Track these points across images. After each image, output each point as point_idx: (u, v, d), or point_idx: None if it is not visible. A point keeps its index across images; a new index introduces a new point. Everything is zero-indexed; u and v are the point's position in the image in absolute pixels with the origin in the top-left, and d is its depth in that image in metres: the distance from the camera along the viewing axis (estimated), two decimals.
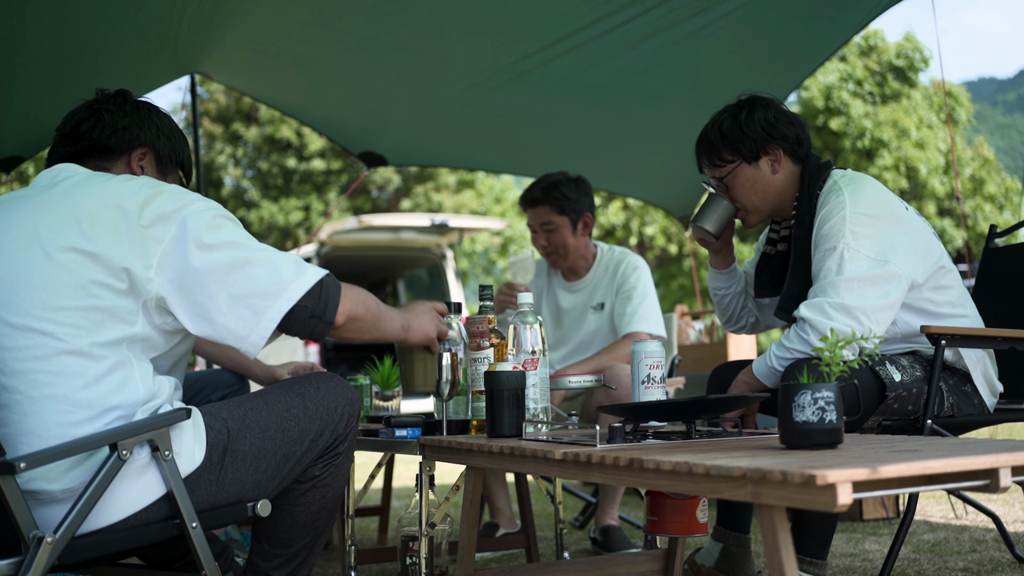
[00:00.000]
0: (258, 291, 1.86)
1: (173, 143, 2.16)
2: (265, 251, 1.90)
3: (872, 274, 2.30)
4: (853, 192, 2.39)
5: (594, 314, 3.62)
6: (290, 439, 2.01)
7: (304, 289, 1.89)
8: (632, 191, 7.27)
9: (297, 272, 1.90)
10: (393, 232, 10.17)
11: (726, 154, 2.55)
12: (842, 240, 2.33)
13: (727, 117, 2.57)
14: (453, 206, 22.68)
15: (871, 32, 22.84)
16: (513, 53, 4.40)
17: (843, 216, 2.35)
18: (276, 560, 2.11)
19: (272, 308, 1.86)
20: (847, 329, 2.25)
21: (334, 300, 1.93)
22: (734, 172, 2.55)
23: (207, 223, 1.86)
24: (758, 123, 2.52)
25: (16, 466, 1.67)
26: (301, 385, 2.07)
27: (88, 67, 4.02)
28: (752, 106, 2.56)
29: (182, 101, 5.81)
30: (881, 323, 2.32)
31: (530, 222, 3.64)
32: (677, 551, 2.52)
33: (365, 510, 4.05)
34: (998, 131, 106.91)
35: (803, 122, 2.58)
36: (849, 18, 4.26)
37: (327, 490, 2.09)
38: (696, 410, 2.03)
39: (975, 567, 2.92)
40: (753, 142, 2.52)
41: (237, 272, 1.85)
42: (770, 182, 2.54)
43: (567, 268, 3.68)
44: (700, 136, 2.62)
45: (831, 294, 2.29)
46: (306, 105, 5.54)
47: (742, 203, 2.58)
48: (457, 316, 2.49)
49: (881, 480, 1.32)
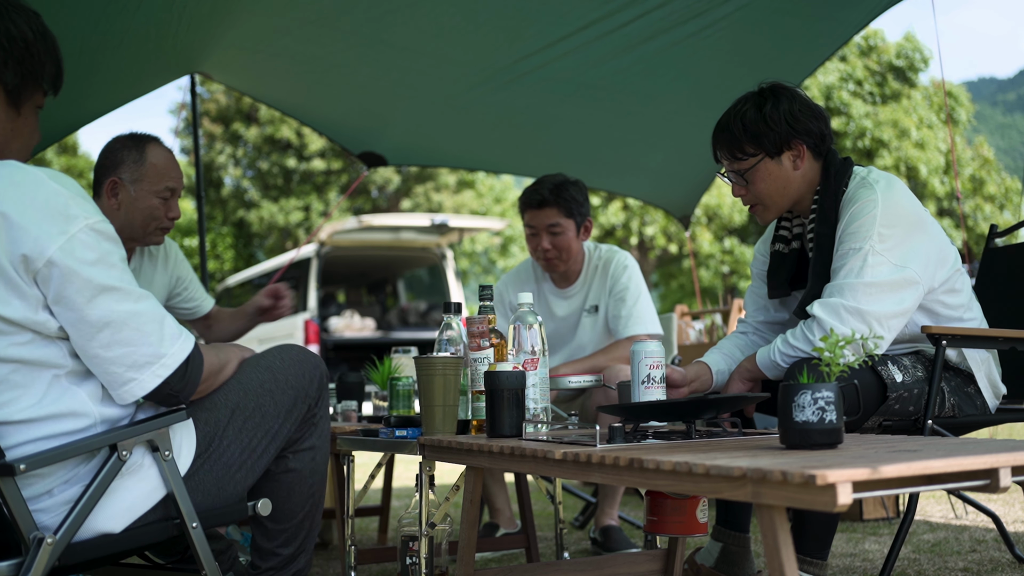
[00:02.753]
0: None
1: (24, 63, 1.87)
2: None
3: (891, 280, 2.28)
4: (886, 191, 2.34)
5: (588, 317, 3.57)
6: (269, 415, 2.06)
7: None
8: (632, 191, 7.27)
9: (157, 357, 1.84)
10: (393, 232, 10.18)
11: (748, 147, 2.45)
12: (868, 242, 2.29)
13: (750, 107, 2.46)
14: (453, 206, 22.68)
15: (871, 32, 22.85)
16: (513, 53, 4.40)
17: (873, 216, 2.30)
18: (281, 537, 2.13)
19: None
20: (858, 335, 2.22)
21: (194, 382, 1.89)
22: (756, 166, 2.46)
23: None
24: (783, 116, 2.42)
25: (16, 467, 1.67)
26: (268, 359, 2.12)
27: (88, 67, 4.01)
28: (777, 97, 2.45)
29: (182, 101, 5.81)
30: (893, 329, 2.30)
31: (532, 223, 3.51)
32: (677, 551, 2.52)
33: (365, 510, 4.05)
34: (998, 131, 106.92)
35: (826, 115, 2.49)
36: (849, 18, 4.26)
37: (315, 452, 2.17)
38: (696, 410, 2.03)
39: (975, 567, 2.92)
40: (777, 136, 2.42)
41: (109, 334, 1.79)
42: (791, 178, 2.46)
43: (561, 273, 3.60)
44: (720, 125, 2.52)
45: (848, 296, 2.27)
46: (306, 105, 5.54)
47: (761, 199, 2.50)
48: (457, 316, 2.49)
49: (881, 480, 1.32)
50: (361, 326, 10.35)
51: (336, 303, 11.78)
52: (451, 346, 2.45)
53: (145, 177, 2.88)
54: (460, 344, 2.45)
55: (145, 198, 2.88)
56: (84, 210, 1.77)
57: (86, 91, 4.31)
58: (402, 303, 11.84)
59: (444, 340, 2.46)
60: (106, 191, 2.88)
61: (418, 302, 11.63)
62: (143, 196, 2.88)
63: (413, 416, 2.54)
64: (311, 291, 9.77)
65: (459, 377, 2.34)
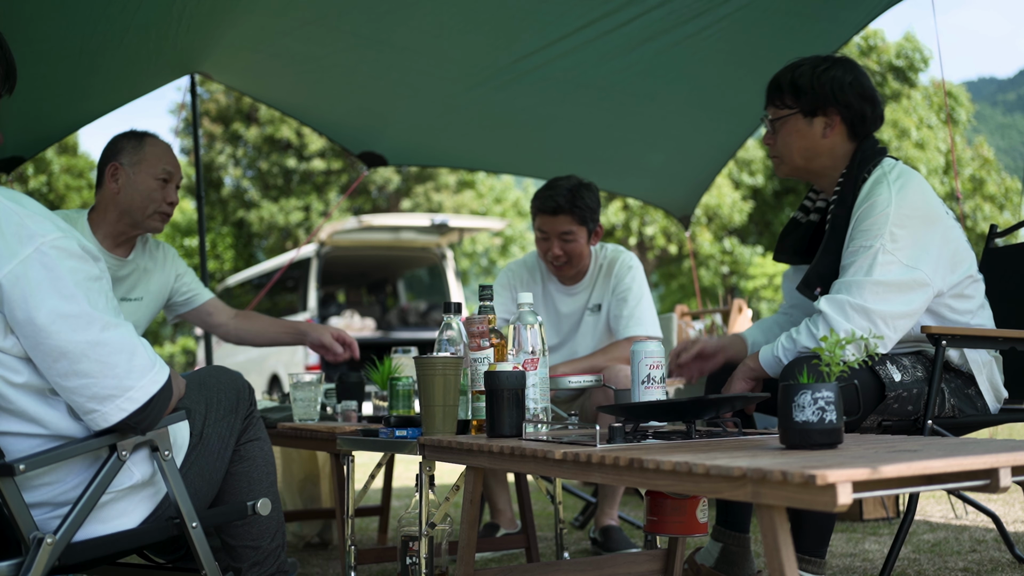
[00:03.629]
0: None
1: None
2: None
3: (900, 280, 2.28)
4: (900, 190, 2.35)
5: (591, 316, 3.57)
6: (227, 410, 2.17)
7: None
8: (632, 191, 7.27)
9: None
10: (393, 232, 10.18)
11: (787, 99, 2.51)
12: (879, 240, 2.30)
13: (807, 66, 2.51)
14: (453, 206, 22.67)
15: (871, 32, 22.84)
16: (513, 52, 4.39)
17: (886, 215, 2.31)
18: (252, 530, 2.19)
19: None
20: (863, 334, 2.23)
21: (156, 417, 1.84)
22: (787, 119, 2.52)
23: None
24: (830, 82, 2.46)
25: (16, 468, 1.67)
26: (199, 376, 2.20)
27: (88, 67, 4.02)
28: (835, 64, 2.49)
29: (182, 101, 5.81)
30: (899, 330, 2.31)
31: (544, 229, 3.46)
32: (677, 551, 2.51)
33: (365, 510, 4.05)
34: (998, 131, 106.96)
35: (878, 101, 2.51)
36: (849, 18, 4.26)
37: (262, 443, 2.28)
38: (696, 410, 2.03)
39: (975, 567, 2.92)
40: (816, 98, 2.47)
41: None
42: (816, 143, 2.50)
43: (569, 275, 3.59)
44: (776, 74, 2.58)
45: (855, 294, 2.28)
46: (306, 105, 5.54)
47: (780, 151, 2.55)
48: (457, 316, 2.49)
49: (881, 480, 1.32)
50: (361, 326, 10.35)
51: (336, 303, 11.79)
52: (451, 346, 2.45)
53: (144, 160, 3.00)
54: (460, 344, 2.45)
55: (144, 180, 2.98)
56: (42, 228, 1.69)
57: (86, 91, 4.32)
58: (402, 303, 11.84)
59: (444, 340, 2.46)
60: (107, 176, 3.00)
61: (418, 302, 11.63)
62: (142, 178, 2.98)
63: (413, 416, 2.54)
64: (311, 291, 9.78)
65: (459, 377, 2.34)
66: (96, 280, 1.74)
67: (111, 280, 1.94)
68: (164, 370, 1.81)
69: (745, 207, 23.06)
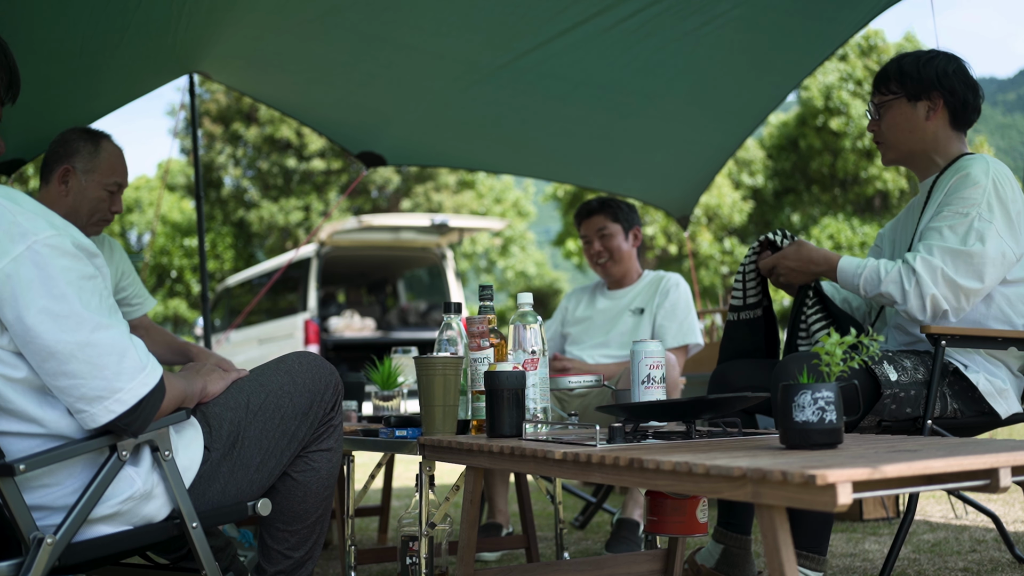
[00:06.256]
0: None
1: None
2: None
3: (992, 255, 2.35)
4: (1001, 170, 2.42)
5: (632, 316, 3.79)
6: (287, 416, 2.07)
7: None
8: (632, 191, 7.25)
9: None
10: (393, 232, 10.17)
11: (893, 84, 2.59)
12: (976, 208, 2.37)
13: (911, 56, 2.60)
14: (453, 206, 22.69)
15: (871, 32, 22.85)
16: (513, 50, 4.39)
17: (984, 187, 2.38)
18: (293, 539, 2.13)
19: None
20: (943, 304, 2.33)
21: (147, 418, 1.79)
22: (890, 103, 2.59)
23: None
24: (935, 69, 2.54)
25: (16, 468, 1.67)
26: (286, 363, 2.13)
27: (88, 67, 4.02)
28: (939, 55, 2.58)
29: (181, 101, 5.80)
30: (971, 306, 2.40)
31: (585, 232, 3.88)
32: (677, 551, 2.52)
33: (365, 510, 4.05)
34: (998, 131, 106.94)
35: (979, 91, 2.59)
36: (849, 18, 4.26)
37: (332, 454, 2.16)
38: (696, 410, 2.03)
39: (975, 567, 2.92)
40: (921, 83, 2.54)
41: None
42: (918, 126, 2.57)
43: (617, 277, 3.85)
44: (883, 66, 2.67)
45: (949, 264, 2.35)
46: (305, 105, 5.53)
47: (884, 135, 2.62)
48: (457, 316, 2.49)
49: (881, 480, 1.32)
50: (361, 326, 10.35)
51: (336, 303, 11.78)
52: (451, 346, 2.45)
53: (98, 169, 2.97)
54: (460, 344, 2.45)
55: (94, 189, 2.97)
56: (35, 226, 1.68)
57: (86, 91, 4.32)
58: (402, 303, 11.84)
59: (444, 340, 2.46)
60: (57, 178, 2.95)
61: (418, 302, 11.63)
62: (92, 187, 2.97)
63: (413, 416, 2.55)
64: (311, 291, 9.77)
65: (459, 377, 2.34)
66: (90, 279, 1.72)
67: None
68: (156, 371, 1.78)
69: (745, 207, 23.07)
